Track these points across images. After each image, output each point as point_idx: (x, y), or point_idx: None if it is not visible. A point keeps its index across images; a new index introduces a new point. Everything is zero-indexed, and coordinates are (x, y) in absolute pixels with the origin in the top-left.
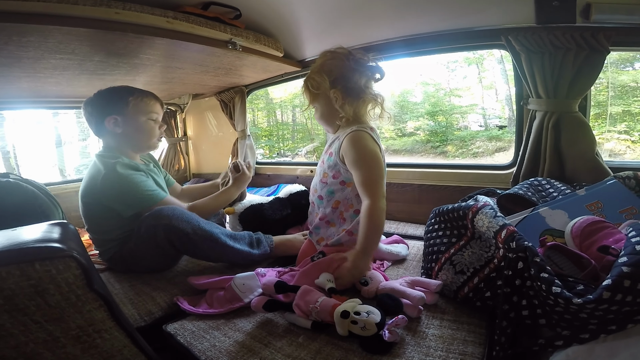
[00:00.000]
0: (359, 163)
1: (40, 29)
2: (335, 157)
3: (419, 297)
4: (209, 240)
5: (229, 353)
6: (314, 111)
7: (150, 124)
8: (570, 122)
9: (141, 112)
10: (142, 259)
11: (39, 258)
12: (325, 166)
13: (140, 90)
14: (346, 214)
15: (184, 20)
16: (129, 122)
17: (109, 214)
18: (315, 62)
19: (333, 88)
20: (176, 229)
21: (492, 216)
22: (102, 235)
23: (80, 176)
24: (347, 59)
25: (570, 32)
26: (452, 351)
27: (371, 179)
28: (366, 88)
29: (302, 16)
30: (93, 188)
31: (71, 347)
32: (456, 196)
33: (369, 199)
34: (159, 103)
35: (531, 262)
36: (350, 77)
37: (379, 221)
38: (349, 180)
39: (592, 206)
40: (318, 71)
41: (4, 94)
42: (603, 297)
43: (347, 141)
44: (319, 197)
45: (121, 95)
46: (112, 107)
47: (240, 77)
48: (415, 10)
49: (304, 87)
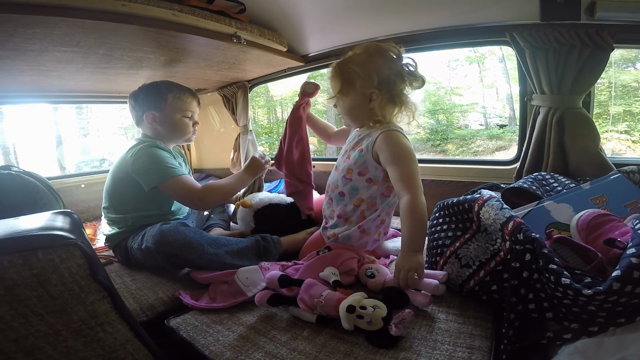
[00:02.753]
0: (397, 158)
1: (46, 20)
2: (366, 153)
3: (433, 284)
4: (216, 263)
5: (233, 347)
6: (338, 102)
7: (184, 121)
8: (574, 117)
9: (177, 110)
10: (142, 263)
11: (42, 246)
12: (350, 162)
13: (179, 87)
14: (367, 213)
15: (190, 13)
16: (165, 119)
17: (132, 189)
18: (356, 52)
19: (376, 89)
20: (179, 257)
21: (498, 208)
22: (120, 212)
23: (79, 172)
24: (396, 61)
25: (574, 29)
26: (459, 344)
27: (411, 173)
28: (405, 95)
29: (305, 11)
30: (124, 160)
31: (73, 341)
32: (459, 191)
33: (410, 193)
34: (195, 100)
35: (539, 254)
36: (396, 83)
37: (422, 215)
38: (377, 178)
39: (597, 200)
40: (362, 65)
41: (6, 88)
42: (613, 288)
43: (384, 138)
44: (340, 193)
45: (160, 91)
46: (152, 103)
47: (243, 71)
48: (419, 6)
49: (335, 74)
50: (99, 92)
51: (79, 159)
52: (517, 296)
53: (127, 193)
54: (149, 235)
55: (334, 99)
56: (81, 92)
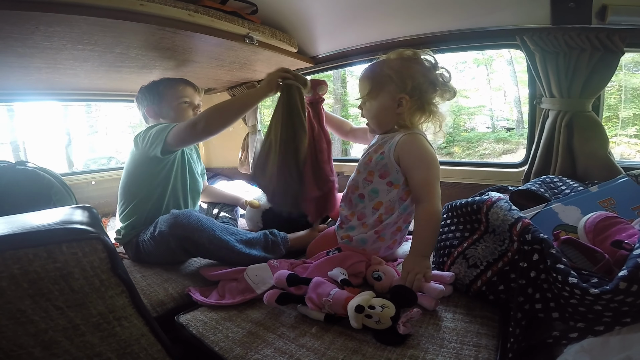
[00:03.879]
0: (418, 164)
1: (68, 18)
2: (388, 155)
3: (438, 289)
4: (225, 249)
5: (242, 343)
6: (364, 104)
7: (182, 106)
8: (583, 121)
9: (173, 98)
10: (153, 255)
11: (66, 240)
12: (372, 164)
13: (169, 79)
14: (384, 217)
15: (205, 13)
16: (164, 109)
17: (144, 166)
18: (390, 56)
19: (407, 95)
20: (191, 240)
21: (507, 209)
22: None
23: (90, 169)
24: (431, 70)
25: (585, 33)
26: (466, 343)
27: (430, 180)
28: (435, 105)
29: (316, 13)
30: (137, 136)
31: (90, 335)
32: (467, 193)
33: (427, 201)
34: (190, 86)
35: (547, 254)
36: (428, 91)
37: (437, 224)
38: (397, 182)
39: (605, 203)
40: (396, 69)
41: (21, 85)
42: (619, 287)
43: (406, 142)
44: (360, 195)
45: (154, 86)
46: (149, 99)
47: (254, 72)
48: (430, 9)
49: (367, 76)
50: (111, 90)
51: (88, 157)
52: (525, 296)
53: (140, 170)
54: (162, 221)
55: (361, 100)
56: (95, 90)
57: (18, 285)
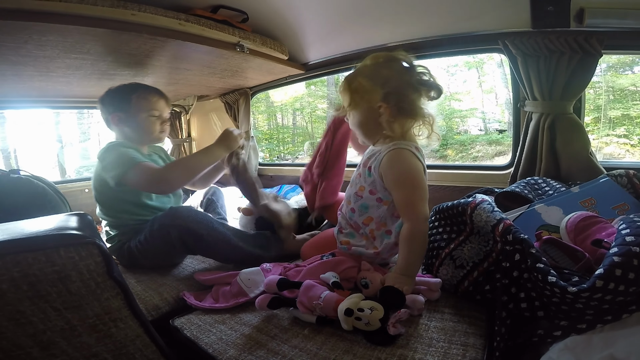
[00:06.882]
0: (399, 183)
1: (60, 28)
2: (374, 173)
3: (437, 281)
4: (222, 242)
5: (236, 345)
6: (349, 116)
7: (150, 120)
8: (565, 123)
9: (142, 109)
10: (150, 254)
11: (63, 244)
12: (362, 179)
13: (144, 87)
14: (377, 233)
15: (195, 22)
16: (131, 119)
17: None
18: (365, 62)
19: (384, 102)
20: (191, 230)
21: (489, 211)
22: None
23: (83, 176)
24: (407, 72)
25: (564, 36)
26: (454, 342)
27: (412, 200)
28: (419, 107)
29: (306, 20)
30: (99, 153)
31: (86, 336)
32: (456, 196)
33: (409, 221)
34: (163, 99)
35: (527, 254)
36: (406, 95)
37: (421, 245)
38: (386, 198)
39: (586, 202)
40: (369, 76)
41: (14, 93)
42: (596, 285)
43: (387, 159)
44: (352, 209)
45: (125, 92)
46: (116, 105)
47: (246, 79)
48: (416, 16)
49: (344, 88)
50: None
51: (80, 164)
52: (508, 295)
53: (107, 193)
54: (158, 217)
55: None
56: (87, 97)
57: (18, 288)
